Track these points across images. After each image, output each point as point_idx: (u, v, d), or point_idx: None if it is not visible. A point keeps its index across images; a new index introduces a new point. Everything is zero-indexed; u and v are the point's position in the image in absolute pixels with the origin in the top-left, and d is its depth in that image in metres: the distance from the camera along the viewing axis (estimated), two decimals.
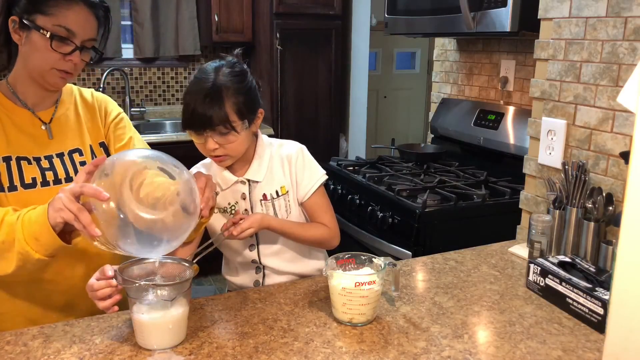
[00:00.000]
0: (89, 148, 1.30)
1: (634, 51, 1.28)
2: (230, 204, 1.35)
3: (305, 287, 1.29)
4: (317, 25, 3.46)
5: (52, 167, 1.23)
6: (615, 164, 1.35)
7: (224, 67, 1.26)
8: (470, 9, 1.85)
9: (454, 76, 2.55)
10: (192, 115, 1.21)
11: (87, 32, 1.19)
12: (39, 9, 1.14)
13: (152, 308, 1.01)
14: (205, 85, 1.22)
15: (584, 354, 1.02)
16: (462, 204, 1.93)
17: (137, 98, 3.70)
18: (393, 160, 2.59)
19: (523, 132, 2.04)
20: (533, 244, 1.37)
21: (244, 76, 1.28)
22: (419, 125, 5.13)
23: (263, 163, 1.35)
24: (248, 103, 1.25)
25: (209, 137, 1.23)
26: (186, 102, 1.23)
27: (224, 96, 1.21)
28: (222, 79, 1.23)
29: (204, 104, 1.20)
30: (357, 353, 1.01)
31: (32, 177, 1.19)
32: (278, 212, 1.35)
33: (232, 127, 1.22)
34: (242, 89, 1.25)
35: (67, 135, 1.28)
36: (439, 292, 1.27)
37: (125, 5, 3.62)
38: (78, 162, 1.26)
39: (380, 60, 4.93)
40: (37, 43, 1.15)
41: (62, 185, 1.21)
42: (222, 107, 1.20)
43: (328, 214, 1.38)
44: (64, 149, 1.26)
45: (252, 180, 1.34)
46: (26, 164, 1.19)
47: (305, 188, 1.35)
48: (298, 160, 1.35)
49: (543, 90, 1.54)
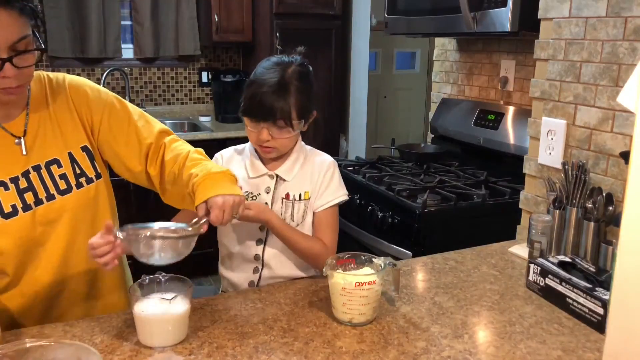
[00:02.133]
0: (67, 157, 1.18)
1: (634, 51, 1.28)
2: (253, 194, 1.36)
3: (305, 287, 1.29)
4: (317, 25, 3.46)
5: (30, 187, 1.13)
6: (615, 164, 1.35)
7: (294, 65, 1.30)
8: (470, 9, 1.85)
9: (454, 76, 2.55)
10: (257, 104, 1.25)
11: (9, 35, 0.99)
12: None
13: (154, 305, 1.01)
14: (274, 78, 1.26)
15: (584, 354, 1.02)
16: (462, 204, 1.93)
17: (137, 98, 3.70)
18: (393, 160, 2.59)
19: (523, 132, 2.04)
20: (533, 244, 1.37)
21: (308, 76, 1.32)
22: (419, 125, 5.13)
23: (296, 164, 1.36)
24: (308, 103, 1.30)
25: (265, 128, 1.27)
26: (252, 91, 1.26)
27: (290, 92, 1.25)
28: (291, 75, 1.27)
29: (271, 96, 1.24)
30: (357, 353, 1.01)
31: (12, 205, 1.10)
32: (295, 214, 1.35)
33: (291, 123, 1.26)
34: (305, 89, 1.29)
35: (43, 145, 1.16)
36: (439, 292, 1.26)
37: (125, 5, 3.62)
38: (57, 176, 1.16)
39: (380, 60, 4.92)
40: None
41: (43, 206, 1.13)
42: (287, 103, 1.24)
43: (331, 234, 1.37)
44: (40, 161, 1.15)
45: (280, 177, 1.35)
46: (2, 191, 1.10)
47: (323, 200, 1.36)
48: (328, 172, 1.37)
49: (543, 90, 1.54)
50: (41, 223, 1.14)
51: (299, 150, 1.38)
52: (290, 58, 1.32)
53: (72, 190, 1.17)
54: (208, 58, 3.87)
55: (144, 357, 0.99)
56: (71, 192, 1.17)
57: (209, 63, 3.89)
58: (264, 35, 3.47)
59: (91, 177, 1.21)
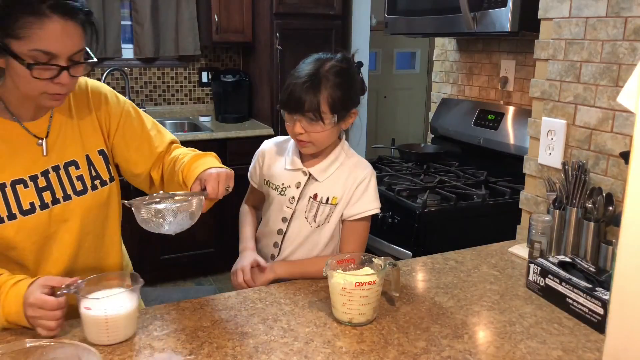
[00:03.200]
0: (85, 159, 1.23)
1: (634, 51, 1.28)
2: (284, 185, 1.39)
3: (305, 287, 1.29)
4: (317, 25, 3.46)
5: (49, 186, 1.17)
6: (615, 164, 1.35)
7: (332, 61, 1.32)
8: (470, 9, 1.85)
9: (454, 76, 2.55)
10: (289, 96, 1.29)
11: (70, 46, 1.04)
12: (10, 33, 0.99)
13: (95, 303, 1.01)
14: (308, 71, 1.29)
15: (584, 354, 1.02)
16: (462, 204, 1.93)
17: (137, 98, 3.69)
18: (393, 160, 2.59)
19: (523, 132, 2.04)
20: (533, 244, 1.37)
21: (347, 73, 1.33)
22: (419, 125, 5.13)
23: (332, 166, 1.37)
24: (343, 100, 1.30)
25: (298, 120, 1.30)
26: (287, 83, 1.31)
27: (322, 86, 1.27)
28: (326, 70, 1.29)
29: (301, 89, 1.27)
30: (357, 353, 1.01)
31: (30, 202, 1.14)
32: (319, 215, 1.36)
33: (321, 117, 1.28)
34: (341, 85, 1.30)
35: (63, 146, 1.20)
36: (439, 292, 1.27)
37: (125, 5, 3.61)
38: (75, 177, 1.20)
39: (380, 60, 4.93)
40: (18, 71, 1.02)
41: (59, 205, 1.17)
42: (316, 95, 1.27)
43: (355, 246, 1.36)
44: (59, 162, 1.19)
45: (313, 175, 1.37)
46: (22, 188, 1.13)
47: (356, 210, 1.36)
48: (364, 182, 1.37)
49: (543, 90, 1.54)
50: (56, 221, 1.18)
51: (338, 153, 1.39)
52: (332, 55, 1.35)
53: (88, 192, 1.22)
54: (208, 58, 3.87)
55: (144, 357, 0.99)
56: (86, 193, 1.22)
57: (209, 63, 3.88)
58: (264, 35, 3.47)
59: (105, 180, 1.26)
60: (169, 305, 1.19)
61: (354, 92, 1.35)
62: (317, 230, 1.37)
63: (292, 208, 1.37)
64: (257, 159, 1.48)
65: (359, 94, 1.38)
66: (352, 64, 1.36)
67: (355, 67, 1.37)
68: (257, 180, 1.48)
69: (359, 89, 1.38)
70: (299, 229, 1.38)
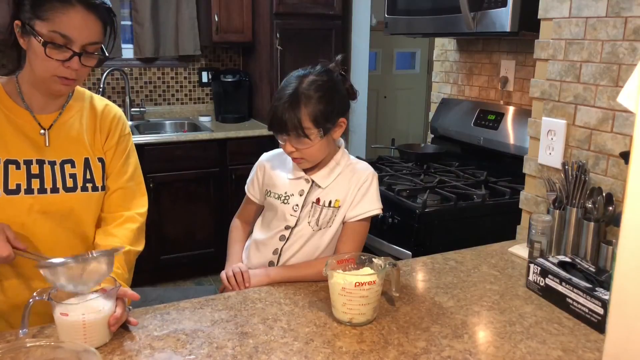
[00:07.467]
0: (82, 161, 1.26)
1: (634, 51, 1.28)
2: (287, 193, 1.39)
3: (305, 287, 1.29)
4: (317, 25, 3.46)
5: (40, 175, 1.20)
6: (615, 164, 1.35)
7: (310, 75, 1.32)
8: (470, 9, 1.85)
9: (454, 76, 2.55)
10: (272, 118, 1.31)
11: (87, 36, 1.13)
12: (37, 14, 1.11)
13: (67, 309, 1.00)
14: (287, 91, 1.30)
15: (584, 354, 1.02)
16: (462, 204, 1.93)
17: (137, 98, 3.69)
18: (393, 160, 2.59)
19: (523, 132, 2.04)
20: (533, 244, 1.37)
21: (326, 86, 1.31)
22: (419, 125, 5.13)
23: (333, 172, 1.38)
24: (327, 112, 1.30)
25: (287, 140, 1.31)
26: (271, 105, 1.32)
27: (301, 104, 1.27)
28: (304, 87, 1.29)
29: (283, 109, 1.28)
30: (357, 353, 1.01)
31: (17, 184, 1.18)
32: (321, 219, 1.36)
33: (305, 134, 1.28)
34: (321, 98, 1.29)
35: (64, 144, 1.25)
36: (439, 292, 1.27)
37: (125, 5, 3.61)
38: (68, 174, 1.24)
39: (380, 60, 4.93)
40: (36, 49, 1.12)
41: (45, 195, 1.20)
42: (297, 114, 1.27)
43: (352, 247, 1.36)
44: (57, 158, 1.23)
45: (316, 182, 1.37)
46: (14, 169, 1.18)
47: (357, 211, 1.36)
48: (365, 184, 1.37)
49: (543, 90, 1.54)
50: (37, 211, 1.19)
51: (339, 159, 1.39)
52: (311, 69, 1.34)
53: (77, 191, 1.24)
54: (208, 58, 3.87)
55: (144, 357, 0.99)
56: (75, 192, 1.24)
57: (209, 63, 3.88)
58: (264, 35, 3.47)
59: (97, 187, 1.28)
60: (169, 305, 1.19)
61: (338, 103, 1.33)
62: (318, 234, 1.37)
63: (296, 216, 1.37)
64: (256, 172, 1.48)
65: (345, 102, 1.36)
66: (333, 74, 1.34)
67: (338, 75, 1.35)
68: (256, 192, 1.48)
69: (344, 96, 1.36)
70: (301, 233, 1.38)
